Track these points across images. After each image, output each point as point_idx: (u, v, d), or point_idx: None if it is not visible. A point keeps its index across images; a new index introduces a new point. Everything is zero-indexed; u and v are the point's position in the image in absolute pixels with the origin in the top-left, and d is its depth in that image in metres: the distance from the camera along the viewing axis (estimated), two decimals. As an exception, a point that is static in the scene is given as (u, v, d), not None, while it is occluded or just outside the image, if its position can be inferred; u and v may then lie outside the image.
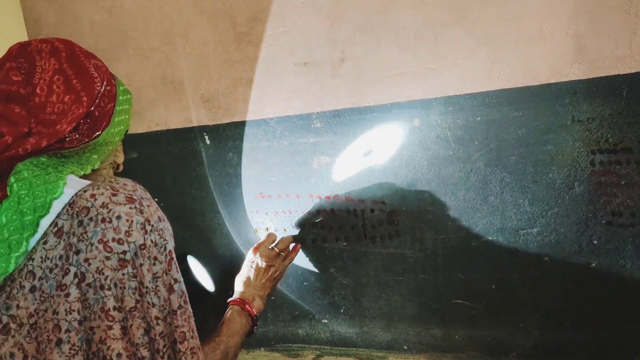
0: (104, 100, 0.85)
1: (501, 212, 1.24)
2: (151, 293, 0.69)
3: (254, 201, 1.45)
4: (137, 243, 0.69)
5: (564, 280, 1.24)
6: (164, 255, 0.72)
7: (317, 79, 1.31)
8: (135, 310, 0.68)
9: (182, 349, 0.71)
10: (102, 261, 0.67)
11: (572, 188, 1.18)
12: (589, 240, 1.19)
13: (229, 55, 1.36)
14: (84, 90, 0.80)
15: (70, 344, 0.66)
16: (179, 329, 0.71)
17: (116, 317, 0.67)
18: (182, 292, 0.74)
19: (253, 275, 1.21)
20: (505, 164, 1.22)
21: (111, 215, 0.69)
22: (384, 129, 1.29)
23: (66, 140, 0.79)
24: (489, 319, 1.32)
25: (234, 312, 1.10)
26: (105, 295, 0.67)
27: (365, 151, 1.31)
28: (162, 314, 0.70)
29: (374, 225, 1.36)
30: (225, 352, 0.98)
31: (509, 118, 1.19)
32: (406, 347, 1.42)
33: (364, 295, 1.43)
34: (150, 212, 0.72)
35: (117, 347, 0.67)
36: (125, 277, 0.68)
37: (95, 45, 1.49)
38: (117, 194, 0.71)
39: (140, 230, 0.70)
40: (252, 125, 1.40)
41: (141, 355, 0.68)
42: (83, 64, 0.82)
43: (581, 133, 1.15)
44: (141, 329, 0.68)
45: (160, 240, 0.72)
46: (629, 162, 1.13)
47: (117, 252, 0.68)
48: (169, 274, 0.72)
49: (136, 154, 1.55)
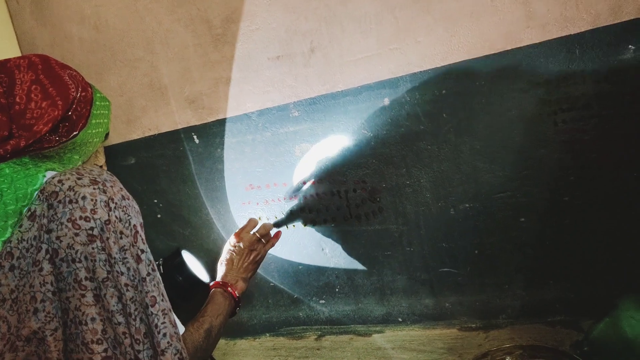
0: (80, 105, 0.94)
1: (474, 179, 1.29)
2: (119, 263, 0.77)
3: (245, 193, 1.53)
4: (102, 219, 0.77)
5: (541, 239, 1.28)
6: (129, 229, 0.79)
7: (290, 71, 1.38)
8: (108, 280, 0.76)
9: (154, 311, 0.78)
10: (72, 237, 0.75)
11: (539, 148, 1.22)
12: (560, 197, 1.24)
13: (208, 57, 1.45)
14: (59, 96, 0.89)
15: (46, 312, 0.74)
16: (150, 293, 0.79)
17: (88, 286, 0.75)
18: (150, 260, 0.81)
19: (236, 259, 1.27)
20: (474, 132, 1.27)
21: (77, 197, 0.77)
22: (357, 111, 1.35)
23: (45, 140, 0.88)
24: (476, 284, 1.37)
25: (217, 294, 1.16)
26: (77, 267, 0.74)
27: (342, 134, 1.38)
28: (131, 281, 0.77)
29: (357, 205, 1.42)
30: (209, 331, 1.04)
31: (472, 88, 1.24)
32: (400, 319, 1.48)
33: (356, 273, 1.49)
34: (114, 192, 0.80)
35: (90, 312, 0.74)
36: (95, 250, 0.75)
37: (86, 61, 1.59)
38: (82, 178, 0.79)
39: (105, 207, 0.77)
40: (235, 120, 1.47)
41: (117, 320, 0.76)
42: (58, 74, 0.92)
43: (541, 95, 1.19)
44: (114, 297, 0.76)
45: (124, 216, 0.79)
46: (590, 118, 1.17)
47: (85, 229, 0.75)
48: (135, 245, 0.79)
49: (134, 160, 1.65)
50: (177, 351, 0.79)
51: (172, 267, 1.35)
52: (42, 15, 1.61)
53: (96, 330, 0.74)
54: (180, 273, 1.34)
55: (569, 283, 1.29)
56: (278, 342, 1.61)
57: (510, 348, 1.19)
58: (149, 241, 1.65)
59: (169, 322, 0.80)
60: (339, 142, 1.39)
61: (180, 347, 0.80)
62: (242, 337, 1.68)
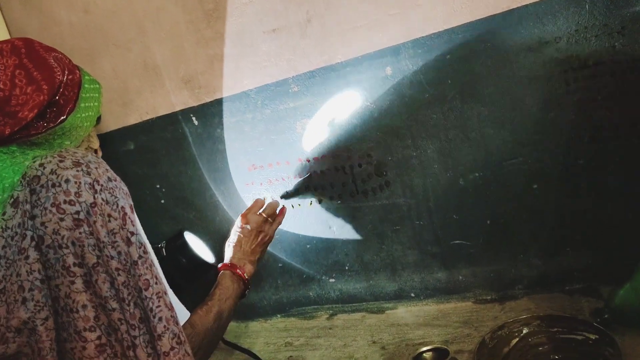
0: (68, 89, 0.90)
1: (484, 146, 1.24)
2: (109, 247, 0.73)
3: (248, 173, 1.49)
4: (87, 202, 0.73)
5: (556, 206, 1.23)
6: (117, 211, 0.76)
7: (287, 44, 1.33)
8: (98, 265, 0.72)
9: (148, 295, 0.75)
10: (57, 223, 0.71)
11: (550, 111, 1.17)
12: (574, 161, 1.19)
13: (201, 34, 1.40)
14: (44, 80, 0.86)
15: (35, 301, 0.71)
16: (143, 277, 0.75)
17: (77, 272, 0.72)
18: (141, 243, 0.77)
19: (243, 241, 1.23)
20: (481, 98, 1.21)
21: (60, 180, 0.73)
22: (359, 82, 1.30)
23: (32, 127, 0.84)
24: (489, 255, 1.33)
25: (226, 277, 1.13)
26: (64, 253, 0.71)
27: (344, 107, 1.33)
28: (123, 265, 0.74)
29: (363, 180, 1.38)
30: (219, 314, 1.02)
31: (478, 51, 1.18)
32: (413, 294, 1.44)
33: (365, 250, 1.46)
34: (99, 173, 0.76)
35: (81, 299, 0.71)
36: (83, 235, 0.72)
37: (77, 45, 1.55)
38: (64, 160, 0.76)
39: (89, 190, 0.74)
40: (233, 99, 1.43)
41: (111, 307, 0.72)
42: (43, 57, 0.88)
43: (551, 54, 1.13)
44: (107, 282, 0.73)
45: (111, 198, 0.76)
46: (603, 75, 1.11)
47: (70, 213, 0.72)
48: (124, 228, 0.75)
49: (132, 145, 1.61)
50: (174, 335, 0.76)
51: (174, 249, 1.32)
52: (30, 1, 1.57)
53: (88, 317, 0.71)
54: (184, 254, 1.31)
55: (586, 250, 1.24)
56: (289, 322, 1.59)
57: (527, 319, 1.15)
58: (154, 227, 1.64)
59: (164, 305, 0.77)
60: (341, 116, 1.34)
61: (178, 330, 0.77)
62: (253, 319, 1.66)
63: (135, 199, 1.50)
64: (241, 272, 1.16)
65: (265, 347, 1.48)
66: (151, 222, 1.65)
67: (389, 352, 1.27)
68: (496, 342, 1.13)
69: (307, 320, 1.56)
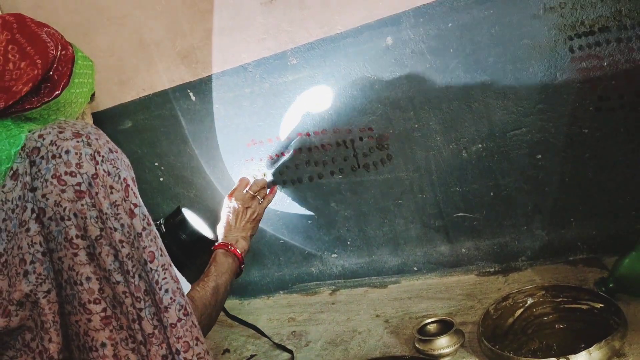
0: (61, 64, 0.89)
1: (487, 117, 1.22)
2: (111, 219, 0.72)
3: (247, 149, 1.47)
4: (89, 173, 0.72)
5: (560, 176, 1.22)
6: (119, 183, 0.75)
7: (285, 15, 1.30)
8: (101, 237, 0.71)
9: (153, 267, 0.74)
10: (59, 194, 0.70)
11: (555, 79, 1.15)
12: (579, 130, 1.17)
13: (197, 7, 1.37)
14: (37, 55, 0.84)
15: (37, 274, 0.71)
16: (147, 249, 0.74)
17: (80, 244, 0.71)
18: (144, 215, 0.77)
19: (232, 219, 1.25)
20: (484, 66, 1.19)
21: (60, 151, 0.72)
22: (359, 54, 1.27)
23: (26, 101, 0.84)
24: (492, 227, 1.32)
25: (219, 254, 1.15)
26: (67, 225, 0.70)
27: (344, 80, 1.31)
28: (126, 237, 0.73)
29: (365, 153, 1.36)
30: (216, 289, 1.03)
31: (480, 19, 1.16)
32: (416, 268, 1.44)
33: (367, 224, 1.45)
34: (100, 144, 0.75)
35: (85, 271, 0.71)
36: (85, 207, 0.71)
37: (71, 22, 1.51)
38: (63, 131, 0.74)
39: (90, 161, 0.73)
40: (231, 73, 1.40)
41: (115, 279, 0.72)
42: (35, 32, 0.87)
43: (555, 20, 1.11)
44: (110, 255, 0.72)
45: (113, 169, 0.75)
46: (609, 42, 1.09)
47: (71, 185, 0.71)
48: (127, 200, 0.75)
49: (130, 123, 1.59)
50: (181, 306, 0.76)
51: (173, 226, 1.31)
52: (22, -23, 1.53)
53: (92, 289, 0.71)
54: (183, 230, 1.31)
55: (590, 220, 1.23)
56: (292, 299, 1.59)
57: (531, 289, 1.14)
58: (154, 206, 1.63)
59: (170, 277, 0.76)
60: (341, 89, 1.32)
61: (185, 301, 0.77)
62: (256, 297, 1.66)
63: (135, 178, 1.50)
64: (234, 249, 1.17)
65: (269, 323, 1.48)
66: (151, 201, 1.64)
67: (392, 325, 1.27)
68: (501, 313, 1.13)
69: (310, 296, 1.56)
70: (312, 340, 1.32)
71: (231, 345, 1.42)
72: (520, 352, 1.01)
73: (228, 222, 1.25)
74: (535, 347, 1.02)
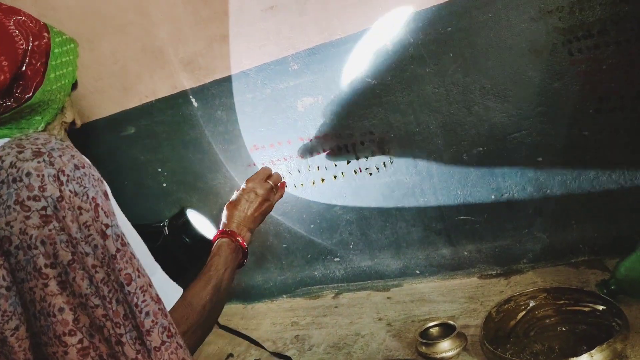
0: (34, 57, 0.81)
1: (487, 120, 1.23)
2: (82, 243, 0.68)
3: (249, 154, 1.48)
4: (53, 196, 0.67)
5: (561, 179, 1.22)
6: (88, 202, 0.69)
7: (285, 20, 1.31)
8: (74, 262, 0.67)
9: (132, 289, 0.70)
10: (23, 221, 0.65)
11: (554, 82, 1.15)
12: (579, 132, 1.17)
13: (199, 14, 1.38)
14: (3, 54, 0.77)
15: (2, 311, 0.66)
16: (123, 271, 0.70)
17: (50, 274, 0.66)
18: (117, 235, 0.71)
19: (247, 207, 1.16)
20: (484, 70, 1.20)
21: (21, 174, 0.66)
22: (359, 58, 1.28)
23: None
24: (494, 229, 1.32)
25: (224, 245, 1.07)
26: (34, 254, 0.66)
27: (344, 84, 1.31)
28: (100, 261, 0.69)
29: (366, 157, 1.37)
30: (217, 287, 0.97)
31: (479, 22, 1.16)
32: (418, 271, 1.44)
33: (369, 228, 1.45)
34: (63, 162, 0.69)
35: (57, 302, 0.66)
36: (53, 232, 0.66)
37: (75, 30, 1.51)
38: (23, 151, 0.68)
39: (54, 182, 0.67)
40: (233, 79, 1.41)
41: (93, 303, 0.67)
42: (2, 24, 0.79)
43: (553, 24, 1.11)
44: (86, 279, 0.67)
45: (80, 188, 0.69)
46: (608, 44, 1.09)
47: (36, 210, 0.66)
48: (97, 220, 0.69)
49: (133, 129, 1.60)
50: (164, 328, 0.72)
51: (177, 228, 1.29)
52: (26, -14, 1.55)
53: (67, 320, 0.66)
54: (186, 233, 1.27)
55: (591, 222, 1.23)
56: (295, 302, 1.59)
57: (533, 292, 1.14)
58: (156, 211, 1.64)
59: (150, 298, 0.72)
60: (342, 93, 1.33)
61: (167, 322, 0.73)
62: (260, 301, 1.66)
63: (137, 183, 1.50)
64: (241, 241, 1.09)
65: (272, 327, 1.48)
66: (154, 207, 1.65)
67: (395, 328, 1.27)
68: (503, 316, 1.13)
69: (313, 300, 1.56)
70: (315, 344, 1.32)
71: (235, 350, 1.42)
72: (523, 355, 1.02)
73: (242, 206, 1.16)
74: (537, 350, 1.02)
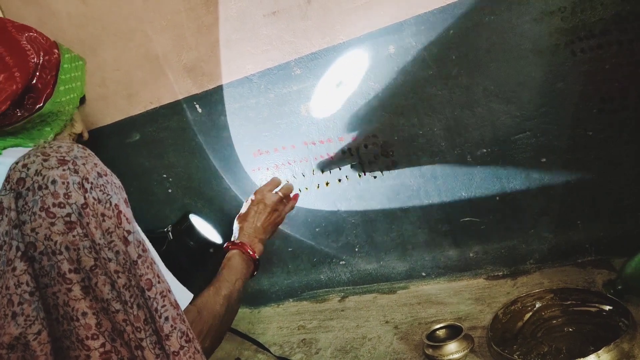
0: (45, 71, 0.85)
1: (491, 121, 1.23)
2: (105, 249, 0.70)
3: (254, 159, 1.49)
4: (78, 203, 0.69)
5: (566, 178, 1.22)
6: (111, 209, 0.72)
7: (288, 26, 1.32)
8: (96, 267, 0.69)
9: (152, 295, 0.72)
10: (48, 228, 0.67)
11: (557, 82, 1.15)
12: (583, 132, 1.17)
13: (201, 20, 1.38)
14: (16, 67, 0.80)
15: (25, 316, 0.68)
16: (144, 276, 0.72)
17: (73, 278, 0.68)
18: (139, 241, 0.74)
19: (257, 218, 1.19)
20: (487, 72, 1.20)
21: (46, 181, 0.69)
22: (362, 62, 1.28)
23: (6, 116, 0.81)
24: (499, 230, 1.33)
25: (235, 257, 1.10)
26: (59, 259, 0.68)
27: (347, 88, 1.32)
28: (122, 266, 0.71)
29: (370, 161, 1.37)
30: (229, 296, 0.99)
31: (481, 24, 1.16)
32: (424, 273, 1.44)
33: (375, 231, 1.45)
34: (87, 170, 0.72)
35: (80, 306, 0.68)
36: (77, 238, 0.68)
37: (76, 37, 1.54)
38: (48, 159, 0.71)
39: (79, 190, 0.70)
40: (236, 85, 1.42)
41: (114, 308, 0.70)
42: (15, 39, 0.83)
43: (556, 24, 1.11)
44: (107, 284, 0.70)
45: (103, 196, 0.72)
46: (610, 44, 1.09)
47: (61, 216, 0.68)
48: (120, 227, 0.72)
49: (138, 136, 1.61)
50: (182, 333, 0.74)
51: (181, 233, 1.29)
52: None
53: (89, 325, 0.68)
54: (190, 237, 1.28)
55: (597, 221, 1.23)
56: (302, 306, 1.59)
57: (540, 293, 1.14)
58: (162, 217, 1.64)
59: (170, 304, 0.74)
60: (345, 97, 1.33)
61: (185, 328, 0.75)
62: (266, 305, 1.67)
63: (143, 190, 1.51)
64: (252, 252, 1.12)
65: (279, 331, 1.49)
66: (159, 213, 1.65)
67: (402, 331, 1.27)
68: (510, 317, 1.13)
69: (319, 303, 1.57)
70: (322, 348, 1.32)
71: (242, 355, 1.42)
72: (530, 356, 1.02)
73: (252, 217, 1.18)
74: (544, 351, 1.02)
